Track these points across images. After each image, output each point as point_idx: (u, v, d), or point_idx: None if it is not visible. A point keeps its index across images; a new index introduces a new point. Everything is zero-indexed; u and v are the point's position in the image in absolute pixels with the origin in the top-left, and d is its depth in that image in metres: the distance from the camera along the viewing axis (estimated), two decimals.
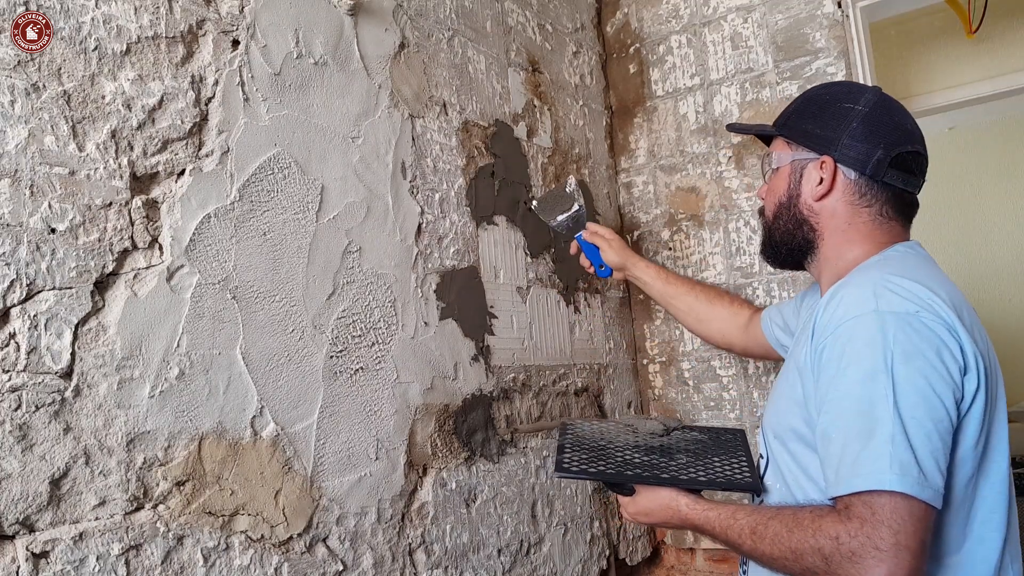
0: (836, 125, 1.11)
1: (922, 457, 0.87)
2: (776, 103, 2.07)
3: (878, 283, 0.97)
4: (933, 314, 0.93)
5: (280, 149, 1.26)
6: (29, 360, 0.91)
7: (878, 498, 0.87)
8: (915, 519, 0.86)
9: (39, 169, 0.95)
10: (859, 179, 1.10)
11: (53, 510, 0.92)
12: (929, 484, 0.87)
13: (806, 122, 1.15)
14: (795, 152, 1.16)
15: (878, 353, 0.91)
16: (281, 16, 1.30)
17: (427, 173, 1.58)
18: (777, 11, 2.09)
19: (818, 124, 1.13)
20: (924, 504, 0.87)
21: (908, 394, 0.89)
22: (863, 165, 1.09)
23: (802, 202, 1.14)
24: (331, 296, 1.32)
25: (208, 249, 1.13)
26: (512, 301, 1.78)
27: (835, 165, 1.10)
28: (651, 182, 2.28)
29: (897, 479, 0.86)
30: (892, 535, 0.85)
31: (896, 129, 1.11)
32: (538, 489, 1.76)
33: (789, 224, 1.16)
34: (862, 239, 1.11)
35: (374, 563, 1.32)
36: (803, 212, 1.14)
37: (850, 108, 1.12)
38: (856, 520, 0.88)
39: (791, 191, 1.15)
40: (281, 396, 1.21)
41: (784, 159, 1.17)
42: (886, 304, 0.94)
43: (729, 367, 2.11)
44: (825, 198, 1.12)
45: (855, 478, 0.89)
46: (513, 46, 1.94)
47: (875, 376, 0.90)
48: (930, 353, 0.91)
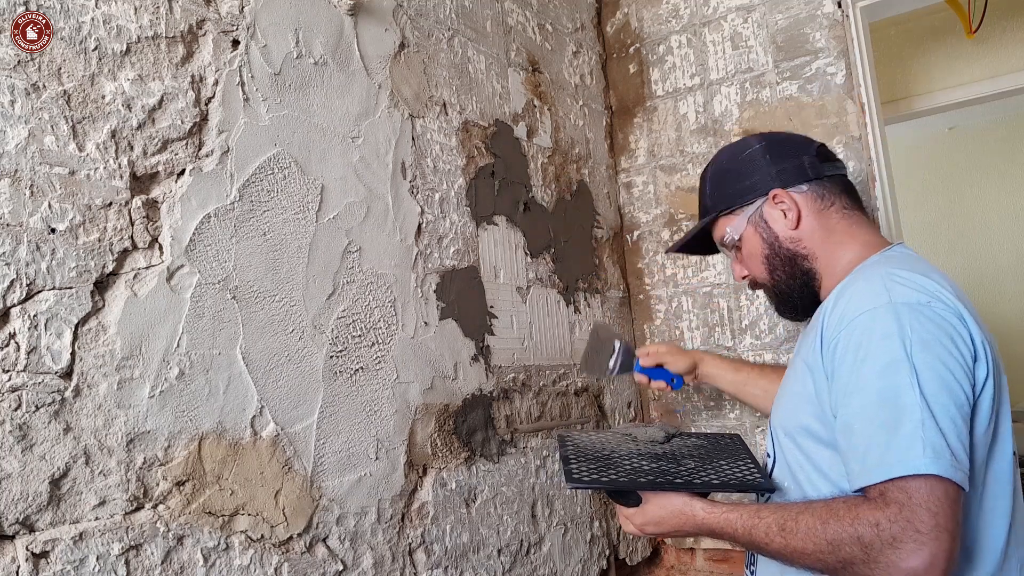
0: (753, 168, 1.18)
1: (951, 441, 0.88)
2: (776, 103, 2.07)
3: (887, 277, 0.99)
4: (943, 303, 0.95)
5: (280, 149, 1.26)
6: (29, 360, 0.91)
7: (913, 482, 0.87)
8: (950, 500, 0.87)
9: (39, 169, 0.95)
10: (810, 188, 1.15)
11: (53, 510, 0.91)
12: (960, 466, 0.88)
13: (727, 188, 1.21)
14: (742, 214, 1.19)
15: (896, 343, 0.92)
16: (281, 16, 1.30)
17: (427, 173, 1.58)
18: (777, 11, 2.09)
19: (738, 180, 1.19)
20: (957, 486, 0.87)
21: (930, 380, 0.90)
22: (803, 174, 1.15)
23: (783, 239, 1.16)
24: (331, 296, 1.32)
25: (208, 249, 1.13)
26: (512, 301, 1.78)
27: (786, 191, 1.15)
28: (651, 182, 2.28)
29: (932, 462, 0.86)
30: (932, 517, 0.85)
31: (793, 138, 1.22)
32: (538, 489, 1.76)
33: (786, 266, 1.17)
34: (846, 238, 1.14)
35: (374, 563, 1.32)
36: (789, 247, 1.16)
37: (750, 153, 1.20)
38: (894, 505, 0.87)
39: (768, 240, 1.18)
40: (281, 396, 1.21)
41: (740, 225, 1.20)
42: (899, 296, 0.95)
43: None
44: (800, 223, 1.15)
45: (888, 466, 0.89)
46: (513, 46, 1.94)
47: (896, 366, 0.91)
48: (945, 340, 0.92)
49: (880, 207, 1.91)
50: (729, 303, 2.12)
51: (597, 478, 1.14)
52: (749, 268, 1.23)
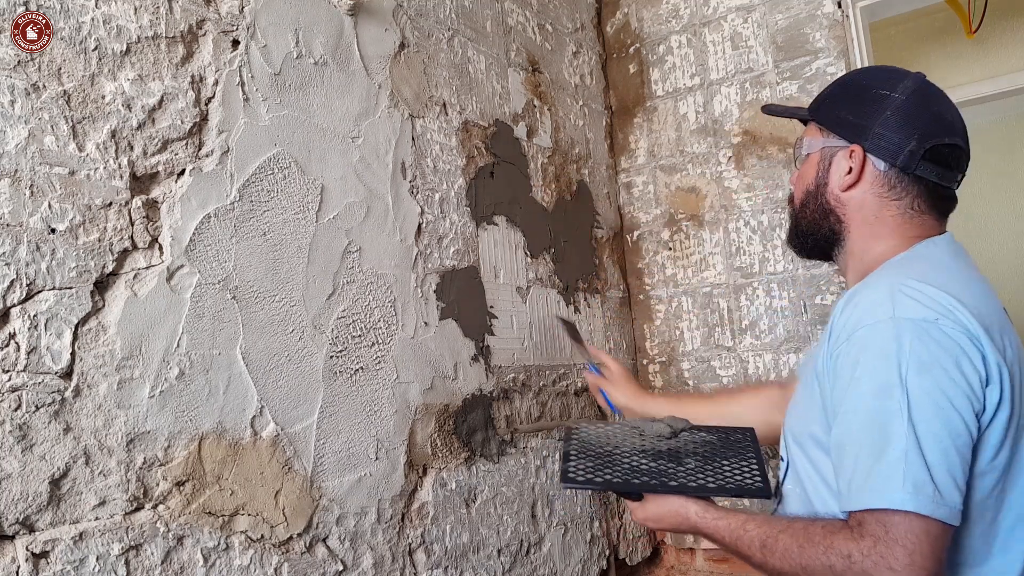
0: (870, 113, 1.05)
1: (938, 474, 0.84)
2: (776, 103, 2.07)
3: (896, 287, 0.92)
4: (953, 321, 0.88)
5: (280, 149, 1.26)
6: (29, 360, 0.91)
7: (892, 516, 0.84)
8: (931, 538, 0.83)
9: (39, 169, 0.95)
10: (889, 171, 1.04)
11: (53, 510, 0.91)
12: (945, 502, 0.84)
13: (840, 108, 1.10)
14: (826, 139, 1.10)
15: (892, 364, 0.87)
16: (281, 16, 1.30)
17: (427, 173, 1.58)
18: (777, 11, 2.09)
19: (851, 111, 1.08)
20: (939, 523, 0.84)
21: (924, 408, 0.86)
22: (894, 156, 1.03)
23: (829, 191, 1.09)
24: (331, 296, 1.32)
25: (208, 249, 1.13)
26: (512, 301, 1.78)
27: (864, 155, 1.05)
28: (651, 182, 2.28)
29: (910, 498, 0.83)
30: (907, 555, 0.82)
31: (934, 120, 1.05)
32: (538, 489, 1.76)
33: (816, 214, 1.11)
34: (890, 233, 1.05)
35: (374, 563, 1.32)
36: (829, 202, 1.09)
37: (886, 95, 1.06)
38: (869, 538, 0.85)
39: (819, 179, 1.10)
40: (281, 396, 1.21)
41: (815, 145, 1.11)
42: (903, 310, 0.89)
43: (729, 367, 2.11)
44: (852, 188, 1.06)
45: (867, 494, 0.86)
46: (513, 46, 1.93)
47: (889, 389, 0.87)
48: (948, 363, 0.87)
49: None
50: (729, 303, 2.12)
51: (591, 478, 1.13)
52: (795, 184, 1.16)
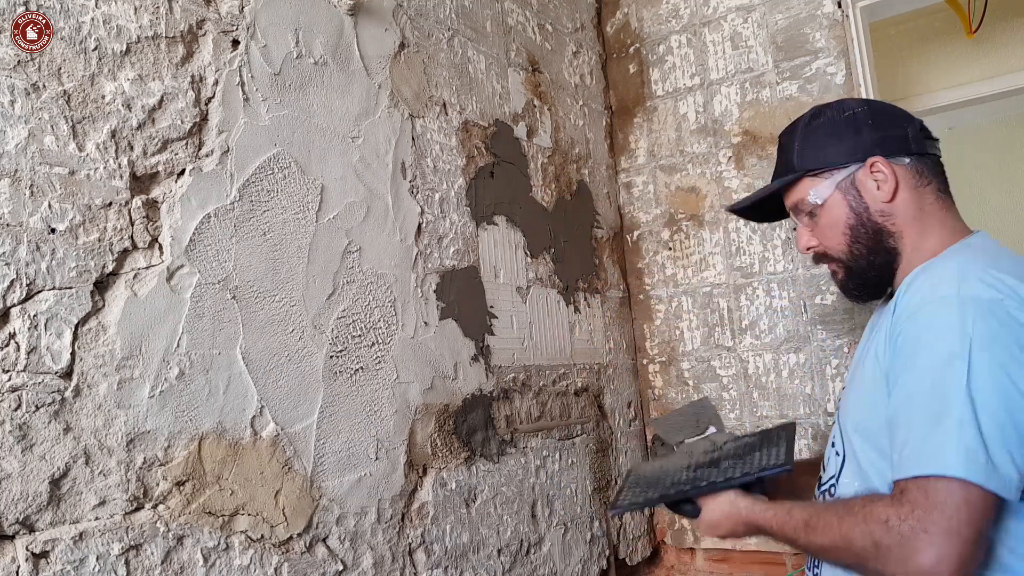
0: (855, 131, 1.08)
1: (992, 447, 0.84)
2: (776, 103, 2.07)
3: (963, 268, 0.93)
4: (1019, 302, 0.89)
5: (280, 149, 1.26)
6: (29, 360, 0.91)
7: (935, 483, 0.84)
8: (971, 506, 0.83)
9: (39, 169, 0.95)
10: (911, 162, 1.06)
11: (53, 510, 0.91)
12: (998, 474, 0.83)
13: (821, 147, 1.10)
14: (831, 178, 1.08)
15: (955, 338, 0.87)
16: (281, 16, 1.30)
17: (427, 173, 1.58)
18: (777, 11, 2.09)
19: (835, 141, 1.09)
20: (987, 493, 0.83)
21: (983, 382, 0.85)
22: (907, 147, 1.06)
23: (873, 212, 1.07)
24: (331, 296, 1.32)
25: (208, 249, 1.13)
26: (512, 301, 1.78)
27: (886, 161, 1.05)
28: (651, 182, 2.28)
29: (962, 466, 0.83)
30: (945, 520, 0.83)
31: (897, 109, 1.11)
32: (538, 489, 1.76)
33: (869, 242, 1.07)
34: (937, 224, 1.06)
35: (374, 563, 1.32)
36: (878, 220, 1.06)
37: (851, 114, 1.10)
38: (908, 504, 0.85)
39: (857, 210, 1.07)
40: (281, 396, 1.21)
41: (825, 189, 1.09)
42: (968, 289, 0.90)
43: (729, 367, 2.11)
44: (895, 196, 1.05)
45: (918, 461, 0.86)
46: (513, 46, 1.93)
47: (951, 361, 0.87)
48: (1009, 342, 0.87)
49: None
50: (729, 303, 2.12)
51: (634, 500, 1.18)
52: (823, 238, 1.11)
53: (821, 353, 1.97)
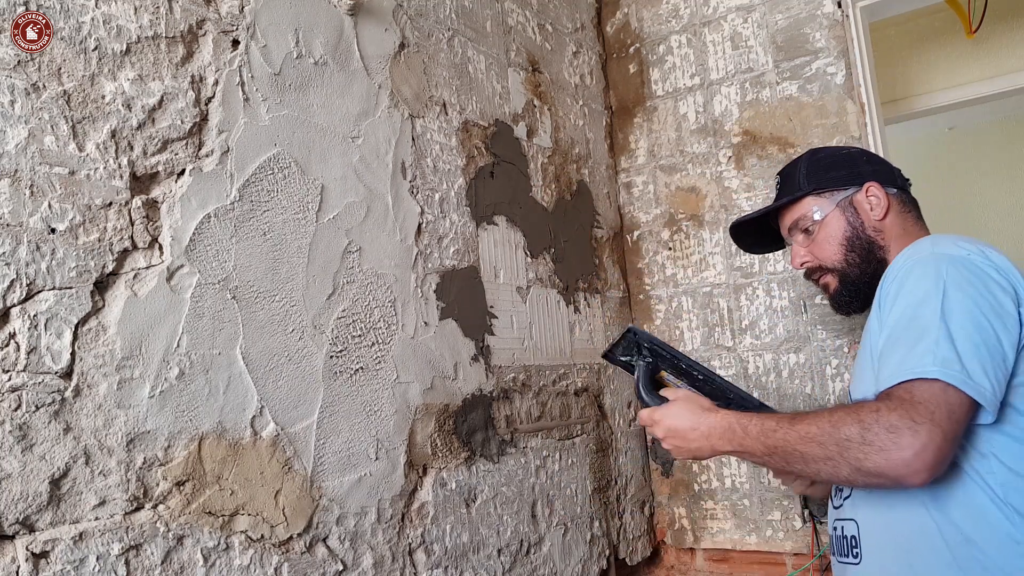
0: (853, 163, 1.30)
1: (967, 359, 0.94)
2: (776, 103, 2.07)
3: (934, 238, 1.12)
4: (984, 258, 1.03)
5: (280, 149, 1.26)
6: (29, 360, 0.91)
7: (917, 385, 0.94)
8: (950, 405, 0.93)
9: (39, 169, 0.95)
10: (897, 192, 1.29)
11: (53, 510, 0.91)
12: (972, 380, 0.94)
13: (826, 172, 1.30)
14: (831, 197, 1.29)
15: (931, 282, 1.01)
16: (281, 16, 1.30)
17: (427, 173, 1.58)
18: (777, 11, 2.09)
19: (837, 169, 1.30)
20: (964, 395, 0.94)
21: (956, 311, 0.97)
22: (895, 180, 1.30)
23: (867, 228, 1.26)
24: (331, 296, 1.32)
25: (208, 249, 1.13)
26: (512, 301, 1.78)
27: (880, 186, 1.27)
28: (651, 182, 2.28)
29: (938, 369, 0.94)
30: (928, 413, 0.92)
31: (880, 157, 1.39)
32: (538, 489, 1.76)
33: (862, 252, 1.26)
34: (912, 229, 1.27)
35: (374, 563, 1.32)
36: (871, 236, 1.26)
37: (849, 152, 1.34)
38: (895, 399, 0.95)
39: (853, 224, 1.27)
40: (281, 396, 1.21)
41: (827, 206, 1.29)
42: (941, 249, 1.06)
43: (729, 367, 2.11)
44: (886, 216, 1.26)
45: (899, 372, 0.97)
46: (513, 46, 1.94)
47: (927, 298, 1.00)
48: (979, 285, 1.00)
49: None
50: (729, 303, 2.12)
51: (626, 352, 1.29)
52: (819, 252, 1.29)
53: (821, 353, 1.98)
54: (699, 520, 2.15)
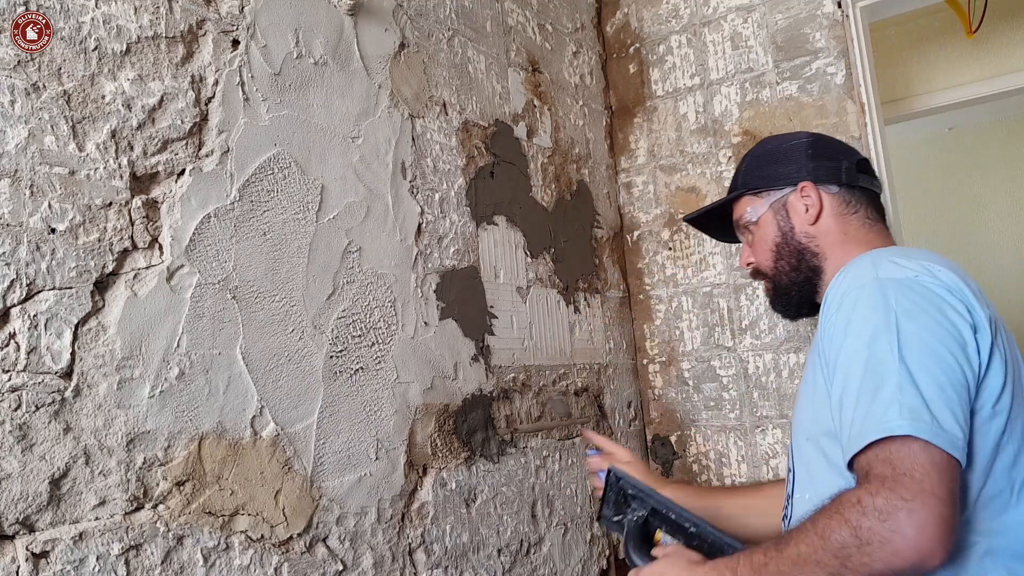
0: (794, 158, 1.18)
1: (935, 406, 0.84)
2: (776, 103, 2.07)
3: (875, 257, 1.00)
4: (932, 278, 0.94)
5: (280, 149, 1.26)
6: (29, 360, 0.91)
7: (895, 451, 0.83)
8: (937, 468, 0.82)
9: (39, 169, 0.95)
10: (839, 191, 1.16)
11: (53, 510, 0.91)
12: (944, 432, 0.83)
13: (763, 169, 1.20)
14: (767, 197, 1.19)
15: (880, 315, 0.91)
16: (281, 16, 1.30)
17: (427, 173, 1.58)
18: (777, 11, 2.09)
19: (776, 166, 1.19)
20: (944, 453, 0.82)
21: (914, 347, 0.88)
22: (838, 177, 1.16)
23: (798, 232, 1.16)
24: (331, 296, 1.32)
25: (208, 249, 1.13)
26: (512, 301, 1.78)
27: (815, 187, 1.15)
28: (651, 182, 2.28)
29: (908, 424, 0.83)
30: (916, 483, 0.81)
31: (841, 145, 1.22)
32: (538, 489, 1.76)
33: (792, 259, 1.17)
34: (859, 245, 1.13)
35: (374, 563, 1.32)
36: (802, 241, 1.16)
37: (795, 144, 1.20)
38: (875, 479, 0.83)
39: (783, 228, 1.17)
40: (281, 396, 1.21)
41: (760, 207, 1.20)
42: (884, 272, 0.95)
43: (729, 367, 2.11)
44: (818, 220, 1.15)
45: (864, 432, 0.86)
46: (513, 46, 1.94)
47: (879, 335, 0.90)
48: (932, 311, 0.90)
49: None
50: (729, 303, 2.12)
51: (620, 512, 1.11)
52: (756, 255, 1.22)
53: None
54: None
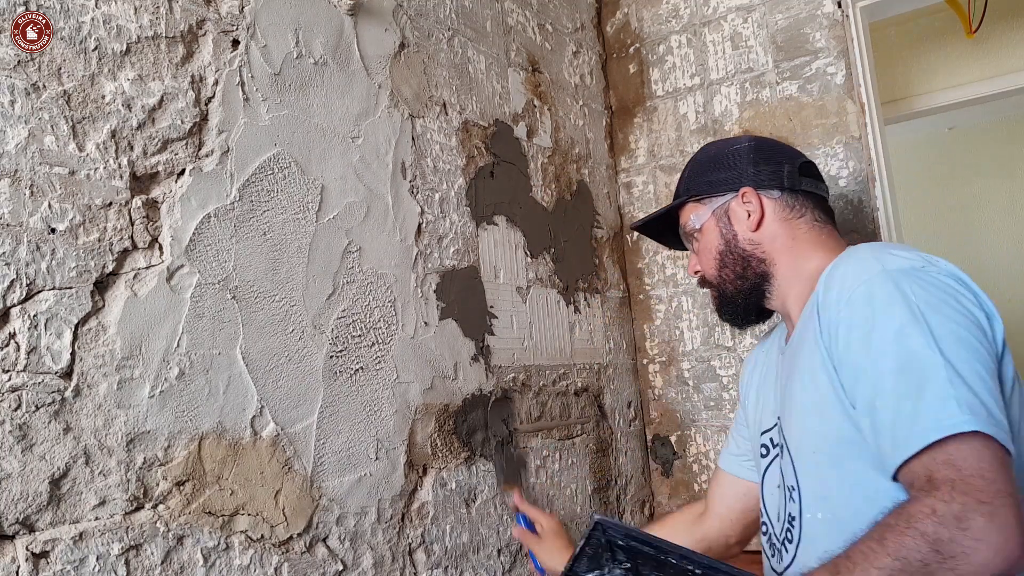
0: (735, 163, 1.15)
1: (985, 399, 0.79)
2: (776, 103, 2.07)
3: (876, 250, 0.95)
4: (937, 268, 0.91)
5: (280, 149, 1.26)
6: (29, 360, 0.91)
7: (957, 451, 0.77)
8: (1003, 464, 0.76)
9: (39, 169, 0.95)
10: (782, 196, 1.13)
11: (53, 510, 0.91)
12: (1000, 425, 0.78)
13: (705, 175, 1.17)
14: (710, 204, 1.16)
15: (902, 307, 0.85)
16: (281, 16, 1.30)
17: (427, 173, 1.58)
18: (777, 11, 2.09)
19: (718, 172, 1.16)
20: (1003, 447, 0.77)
21: (947, 339, 0.83)
22: (780, 181, 1.12)
23: (741, 239, 1.13)
24: (331, 296, 1.32)
25: (208, 249, 1.13)
26: (512, 301, 1.78)
27: (756, 192, 1.12)
28: (651, 182, 2.28)
29: (972, 419, 0.77)
30: (990, 484, 0.75)
31: (785, 148, 1.19)
32: (538, 489, 1.76)
33: (737, 267, 1.13)
34: (813, 247, 1.10)
35: (374, 563, 1.32)
36: (746, 248, 1.12)
37: (737, 148, 1.18)
38: (944, 485, 0.76)
39: (725, 236, 1.14)
40: (281, 396, 1.21)
41: (703, 214, 1.17)
42: (892, 263, 0.90)
43: (729, 367, 2.11)
44: (760, 226, 1.12)
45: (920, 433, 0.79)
46: (513, 46, 1.94)
47: (908, 328, 0.84)
48: (950, 300, 0.87)
49: (880, 207, 1.90)
50: None
51: None
52: (701, 263, 1.19)
53: None
54: None
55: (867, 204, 1.91)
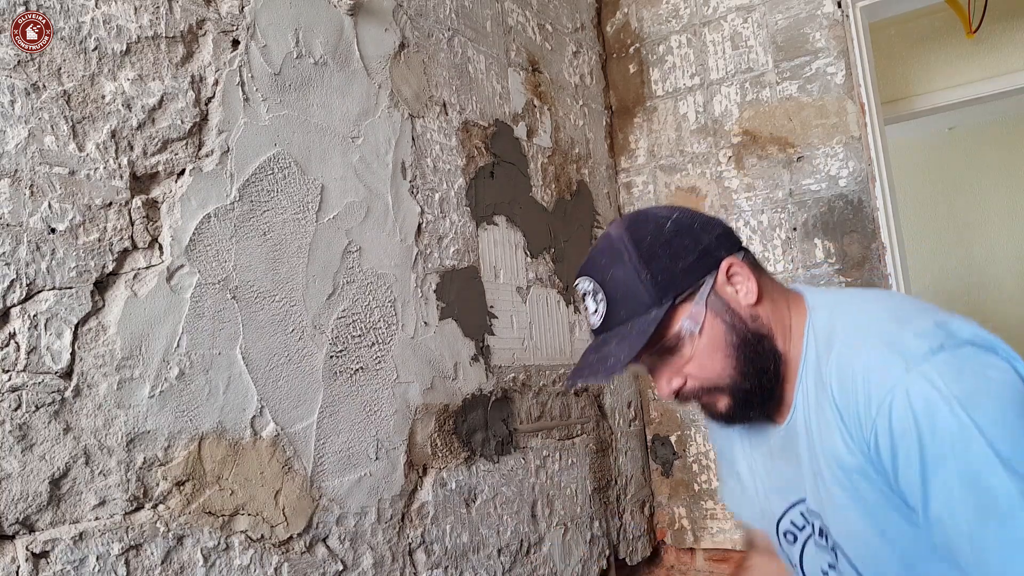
0: (693, 239, 0.91)
1: None
2: (776, 103, 2.07)
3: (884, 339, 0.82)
4: (954, 339, 0.78)
5: (280, 149, 1.26)
6: (29, 360, 0.91)
7: None
8: None
9: (39, 169, 0.95)
10: (744, 254, 0.94)
11: (53, 510, 0.91)
12: None
13: (672, 268, 0.90)
14: (697, 297, 0.90)
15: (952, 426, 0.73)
16: (281, 16, 1.30)
17: (427, 173, 1.58)
18: (777, 11, 2.09)
19: (680, 257, 0.90)
20: None
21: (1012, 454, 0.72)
22: (735, 240, 0.95)
23: (747, 320, 0.91)
24: (331, 296, 1.32)
25: (208, 249, 1.13)
26: (512, 301, 1.78)
27: (737, 259, 0.91)
28: (651, 182, 2.28)
29: None
30: None
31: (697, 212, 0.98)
32: (538, 489, 1.76)
33: (751, 353, 0.91)
34: (783, 306, 0.94)
35: (374, 563, 1.32)
36: (754, 329, 0.91)
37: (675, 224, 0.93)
38: None
39: (732, 323, 0.90)
40: (281, 396, 1.21)
41: (699, 313, 0.89)
42: (916, 361, 0.77)
43: None
44: (761, 296, 0.92)
45: None
46: (513, 46, 1.94)
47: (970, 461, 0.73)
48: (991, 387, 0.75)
49: (880, 207, 1.91)
50: None
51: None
52: (700, 371, 0.91)
53: None
54: (699, 520, 2.15)
55: (867, 204, 1.91)
